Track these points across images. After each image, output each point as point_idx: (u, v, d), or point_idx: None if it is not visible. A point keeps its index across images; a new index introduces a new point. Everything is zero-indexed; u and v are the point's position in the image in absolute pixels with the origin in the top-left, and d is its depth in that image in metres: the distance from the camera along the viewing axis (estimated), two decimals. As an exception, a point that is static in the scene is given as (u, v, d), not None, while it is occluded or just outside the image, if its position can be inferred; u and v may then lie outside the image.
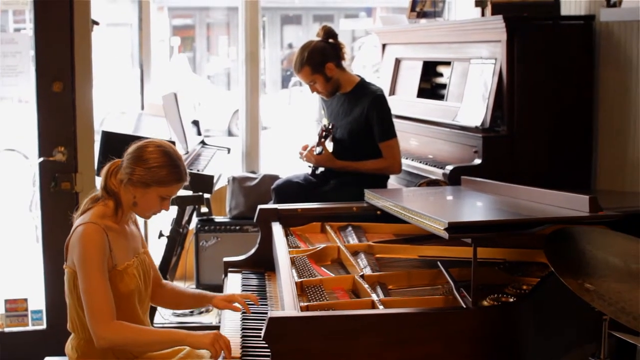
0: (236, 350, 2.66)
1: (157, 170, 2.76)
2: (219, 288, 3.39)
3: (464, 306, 2.50)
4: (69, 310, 2.83)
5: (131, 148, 2.83)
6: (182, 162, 2.85)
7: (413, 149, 4.93)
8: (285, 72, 17.81)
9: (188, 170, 2.90)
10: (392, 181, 4.75)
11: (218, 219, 5.54)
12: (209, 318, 5.13)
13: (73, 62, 4.14)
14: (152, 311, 4.15)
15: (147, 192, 2.78)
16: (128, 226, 2.90)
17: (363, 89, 4.38)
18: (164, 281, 3.12)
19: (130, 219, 2.93)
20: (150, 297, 3.00)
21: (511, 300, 2.59)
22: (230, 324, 2.91)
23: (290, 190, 4.40)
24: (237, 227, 5.44)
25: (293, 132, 12.97)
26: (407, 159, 4.74)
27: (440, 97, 4.96)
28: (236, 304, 2.92)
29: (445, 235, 2.51)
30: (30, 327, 4.36)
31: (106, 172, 2.85)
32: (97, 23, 4.29)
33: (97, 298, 2.65)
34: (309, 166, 4.47)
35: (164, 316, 5.11)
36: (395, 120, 4.41)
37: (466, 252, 2.86)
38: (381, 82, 5.48)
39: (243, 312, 2.93)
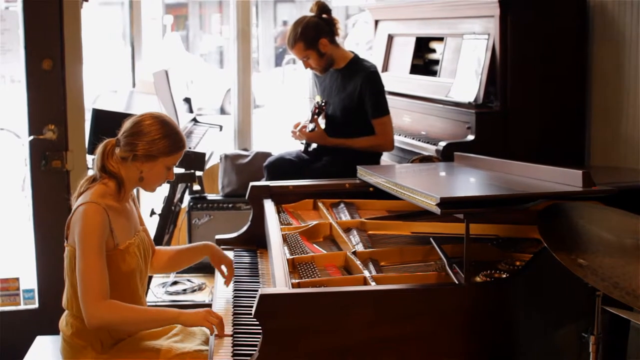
0: (228, 328, 2.65)
1: (160, 141, 2.77)
2: (211, 265, 3.39)
3: (457, 282, 2.49)
4: (67, 288, 2.83)
5: (126, 125, 2.82)
6: (179, 129, 2.88)
7: (406, 125, 4.91)
8: (279, 50, 17.74)
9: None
10: (385, 158, 4.73)
11: (210, 196, 5.52)
12: (201, 296, 5.13)
13: (62, 40, 4.10)
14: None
15: (155, 165, 2.79)
16: (128, 204, 2.89)
17: (357, 65, 4.36)
18: (156, 247, 3.13)
19: (129, 197, 2.92)
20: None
21: (504, 276, 2.58)
22: (222, 302, 2.91)
23: (283, 167, 4.39)
24: (230, 205, 5.42)
25: (286, 110, 12.94)
26: (399, 135, 4.72)
27: (433, 73, 4.93)
28: (223, 268, 3.07)
29: (437, 210, 2.49)
30: (22, 307, 4.35)
31: (102, 153, 2.82)
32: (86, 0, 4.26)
33: (91, 277, 2.65)
34: (302, 143, 4.45)
35: (157, 295, 5.10)
36: (388, 96, 4.39)
37: (459, 228, 2.85)
38: (374, 58, 5.44)
39: (235, 290, 2.93)
